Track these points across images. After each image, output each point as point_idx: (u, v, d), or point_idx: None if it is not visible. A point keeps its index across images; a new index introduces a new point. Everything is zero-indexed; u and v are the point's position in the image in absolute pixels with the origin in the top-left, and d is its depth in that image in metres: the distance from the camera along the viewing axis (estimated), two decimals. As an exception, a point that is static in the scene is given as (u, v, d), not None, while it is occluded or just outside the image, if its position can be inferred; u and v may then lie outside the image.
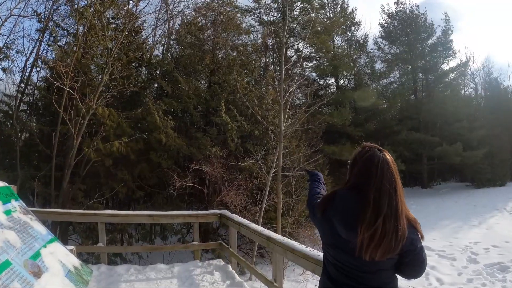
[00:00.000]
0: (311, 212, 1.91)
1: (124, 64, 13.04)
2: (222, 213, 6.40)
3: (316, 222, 1.81)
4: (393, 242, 1.48)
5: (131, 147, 12.01)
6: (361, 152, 1.67)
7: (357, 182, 1.60)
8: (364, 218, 1.49)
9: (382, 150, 1.64)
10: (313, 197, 1.97)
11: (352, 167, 1.68)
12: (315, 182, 2.19)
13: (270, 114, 11.87)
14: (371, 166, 1.57)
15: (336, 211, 1.59)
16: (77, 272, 3.44)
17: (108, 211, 6.82)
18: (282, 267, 4.92)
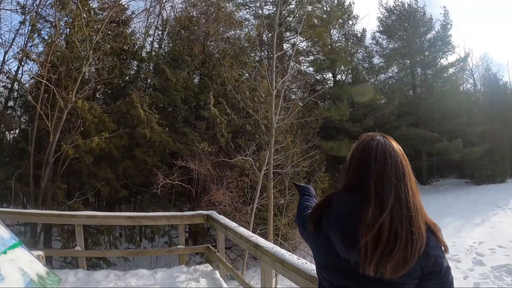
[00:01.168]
0: (300, 228, 1.57)
1: (107, 54, 12.12)
2: (209, 214, 5.72)
3: (307, 239, 1.48)
4: (409, 250, 1.12)
5: (114, 143, 11.04)
6: (358, 143, 1.36)
7: (356, 180, 1.27)
8: (365, 216, 1.15)
9: (386, 136, 1.32)
10: (303, 210, 1.67)
11: (349, 163, 1.35)
12: (305, 196, 1.86)
13: (263, 107, 10.89)
14: (370, 152, 1.25)
15: (332, 220, 1.25)
16: (41, 281, 3.18)
17: (86, 212, 6.14)
18: (271, 278, 4.27)
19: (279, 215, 10.63)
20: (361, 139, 1.37)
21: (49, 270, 3.41)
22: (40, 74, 10.33)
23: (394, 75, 23.08)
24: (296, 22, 17.54)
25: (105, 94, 14.01)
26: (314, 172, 12.33)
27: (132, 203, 13.51)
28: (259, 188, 9.38)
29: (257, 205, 9.83)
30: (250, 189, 10.32)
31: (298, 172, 11.20)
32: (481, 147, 20.45)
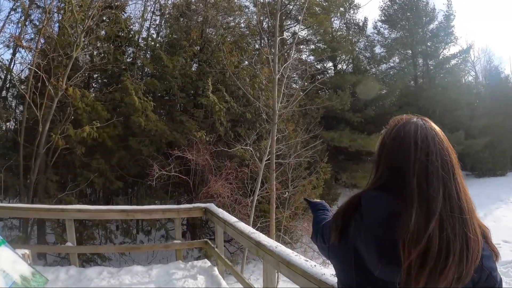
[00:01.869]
0: (320, 241, 1.29)
1: (101, 40, 11.46)
2: (207, 207, 5.37)
3: (329, 254, 1.18)
4: (464, 263, 0.88)
5: (107, 132, 10.39)
6: (389, 128, 1.08)
7: (391, 176, 0.99)
8: (406, 225, 0.89)
9: (424, 118, 1.04)
10: (319, 224, 1.40)
11: (379, 154, 1.06)
12: (319, 211, 1.59)
13: (263, 94, 10.27)
14: (407, 138, 0.98)
15: (363, 229, 0.97)
16: (25, 283, 3.00)
17: (77, 206, 5.68)
18: (275, 280, 3.79)
19: (281, 207, 10.08)
20: (392, 123, 1.10)
21: (35, 270, 3.22)
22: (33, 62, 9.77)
23: (395, 65, 22.51)
24: (297, 10, 16.92)
25: (101, 83, 13.35)
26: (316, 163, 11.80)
27: (129, 195, 12.93)
28: (259, 179, 8.84)
29: (258, 197, 9.30)
30: (250, 180, 9.77)
31: (301, 163, 10.65)
32: (482, 140, 20.31)
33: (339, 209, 1.12)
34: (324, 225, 1.28)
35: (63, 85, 9.50)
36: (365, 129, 16.65)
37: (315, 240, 1.38)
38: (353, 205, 1.05)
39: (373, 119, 18.05)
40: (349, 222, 1.05)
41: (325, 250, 1.24)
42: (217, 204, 5.97)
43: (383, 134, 1.11)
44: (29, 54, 11.53)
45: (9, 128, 13.00)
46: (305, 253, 11.09)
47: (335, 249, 1.13)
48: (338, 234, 1.07)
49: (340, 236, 1.07)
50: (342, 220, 1.07)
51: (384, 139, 1.09)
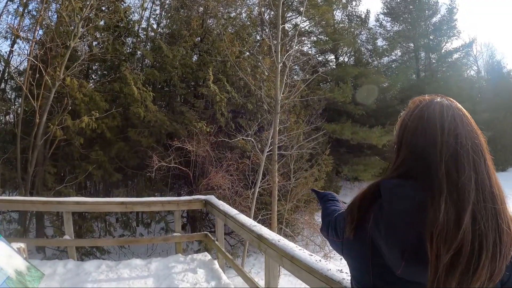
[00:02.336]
0: (331, 235, 1.15)
1: (99, 30, 11.16)
2: (207, 199, 5.23)
3: (343, 249, 1.06)
4: (497, 260, 0.76)
5: (106, 123, 10.13)
6: (411, 108, 0.96)
7: (414, 162, 0.88)
8: (434, 218, 0.78)
9: (447, 98, 0.94)
10: (330, 215, 1.24)
11: (400, 138, 0.95)
12: (328, 201, 1.42)
13: (265, 85, 10.00)
14: (432, 119, 0.88)
15: (383, 223, 0.86)
16: (20, 278, 2.89)
17: (74, 199, 5.44)
18: (277, 275, 3.83)
19: (283, 200, 9.86)
20: (413, 104, 0.98)
21: (30, 265, 3.13)
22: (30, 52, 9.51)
23: (397, 58, 22.29)
24: (299, 1, 16.61)
25: (100, 74, 13.08)
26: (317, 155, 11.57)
27: (128, 187, 12.71)
28: (261, 171, 8.62)
29: (259, 189, 9.08)
30: (252, 172, 9.54)
31: (302, 155, 10.41)
32: (484, 134, 19.79)
33: (355, 199, 0.99)
34: (337, 217, 1.14)
35: (60, 75, 9.23)
36: (366, 122, 16.41)
37: (325, 234, 1.23)
38: (371, 194, 0.93)
39: (375, 112, 17.85)
40: (366, 214, 0.92)
41: (338, 245, 1.11)
42: (217, 196, 5.81)
43: (403, 116, 0.99)
44: (26, 45, 11.31)
45: (8, 121, 12.77)
46: (306, 246, 10.91)
47: (349, 244, 1.01)
48: (354, 228, 0.95)
49: (355, 230, 0.95)
50: (358, 211, 0.94)
51: (405, 121, 0.96)
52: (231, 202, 9.02)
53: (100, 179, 10.83)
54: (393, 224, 0.84)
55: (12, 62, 12.15)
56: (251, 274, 9.38)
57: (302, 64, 14.14)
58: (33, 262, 4.48)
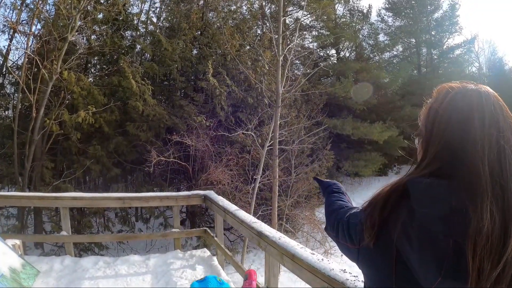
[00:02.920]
0: (342, 240, 1.01)
1: (98, 23, 10.94)
2: (206, 194, 5.16)
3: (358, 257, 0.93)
4: None
5: (104, 117, 9.93)
6: (439, 97, 0.86)
7: (449, 157, 0.77)
8: (476, 225, 0.67)
9: (480, 85, 0.83)
10: (337, 212, 1.12)
11: (429, 129, 0.84)
12: (333, 194, 1.30)
13: (266, 79, 9.79)
14: (468, 110, 0.77)
15: (415, 229, 0.74)
16: (14, 275, 2.86)
17: (71, 194, 5.38)
18: (278, 273, 3.68)
19: (283, 195, 9.67)
20: (443, 90, 0.86)
21: (25, 262, 3.12)
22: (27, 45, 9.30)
23: (399, 53, 21.99)
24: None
25: (99, 68, 12.87)
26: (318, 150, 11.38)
27: (128, 182, 12.53)
28: (261, 165, 8.42)
29: (259, 185, 8.89)
30: (252, 167, 9.35)
31: (303, 150, 10.22)
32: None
33: (376, 199, 0.86)
34: (351, 219, 1.00)
35: (57, 68, 9.01)
36: (367, 117, 16.21)
37: (333, 235, 1.10)
38: (397, 195, 0.81)
39: (376, 107, 17.63)
40: (390, 217, 0.80)
41: (352, 252, 0.97)
42: (217, 192, 5.72)
43: (431, 104, 0.88)
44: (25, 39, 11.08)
45: (7, 116, 12.59)
46: (306, 243, 10.77)
47: (368, 253, 0.87)
48: (375, 234, 0.83)
49: (376, 236, 0.82)
50: (380, 215, 0.82)
51: (435, 110, 0.85)
52: (231, 198, 8.85)
53: (98, 174, 10.64)
54: (428, 233, 0.72)
55: (12, 57, 12.00)
56: (251, 270, 9.26)
57: (303, 59, 13.93)
58: (31, 258, 4.58)
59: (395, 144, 16.92)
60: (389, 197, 0.81)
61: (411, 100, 19.36)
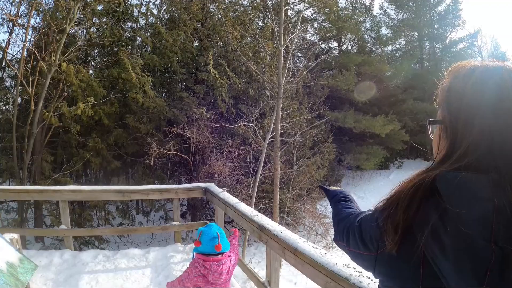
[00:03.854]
0: (353, 248, 0.93)
1: (97, 15, 10.75)
2: (207, 187, 5.04)
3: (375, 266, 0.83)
4: None
5: (104, 110, 9.76)
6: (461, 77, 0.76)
7: (485, 149, 0.68)
8: None
9: (503, 62, 0.74)
10: (346, 219, 1.04)
11: (455, 118, 0.74)
12: (341, 202, 1.21)
13: (267, 70, 9.58)
14: (500, 91, 0.68)
15: (451, 233, 0.63)
16: (11, 271, 2.69)
17: (70, 187, 5.28)
18: (279, 267, 3.59)
19: (285, 188, 9.51)
20: (462, 69, 0.76)
21: (23, 256, 2.96)
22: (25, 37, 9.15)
23: (401, 47, 21.73)
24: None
25: (99, 60, 12.70)
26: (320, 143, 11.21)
27: (128, 175, 12.42)
28: (263, 158, 8.24)
29: (261, 177, 8.73)
30: (253, 159, 9.18)
31: (305, 142, 10.04)
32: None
33: (397, 197, 0.75)
34: (363, 223, 0.90)
35: (56, 60, 8.83)
36: (369, 110, 16.02)
37: (343, 244, 1.00)
38: (424, 192, 0.69)
39: (378, 100, 17.44)
40: (416, 219, 0.69)
41: (367, 260, 0.87)
42: (218, 184, 5.53)
43: (452, 85, 0.77)
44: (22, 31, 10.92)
45: (8, 110, 12.45)
46: (308, 236, 10.63)
47: (387, 261, 0.77)
48: (399, 239, 0.72)
49: (400, 241, 0.72)
50: (405, 216, 0.70)
51: (460, 93, 0.74)
52: (232, 190, 8.69)
53: (98, 167, 10.51)
54: (465, 238, 0.61)
55: (12, 50, 11.81)
56: (252, 263, 9.14)
57: (305, 51, 13.71)
58: (30, 252, 4.59)
59: (397, 138, 16.76)
60: (415, 194, 0.69)
61: (413, 94, 19.21)
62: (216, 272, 2.33)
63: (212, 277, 2.33)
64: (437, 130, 0.82)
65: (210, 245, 2.36)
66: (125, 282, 4.03)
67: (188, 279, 2.36)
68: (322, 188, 1.43)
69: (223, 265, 2.36)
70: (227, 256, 2.42)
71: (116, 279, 4.06)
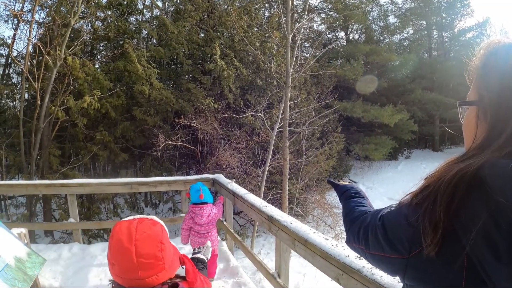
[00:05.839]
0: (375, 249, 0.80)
1: (101, 8, 10.60)
2: (215, 178, 5.02)
3: (406, 270, 0.71)
4: None
5: (110, 102, 9.65)
6: (500, 54, 0.68)
7: None
8: None
9: None
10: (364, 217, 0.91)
11: (496, 97, 0.66)
12: (352, 198, 1.10)
13: (275, 60, 9.37)
14: None
15: (499, 230, 0.52)
16: (20, 265, 2.62)
17: (78, 180, 5.21)
18: (289, 259, 3.28)
19: (294, 178, 9.34)
20: (500, 45, 0.69)
21: (31, 251, 2.94)
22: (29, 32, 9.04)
23: (409, 36, 21.23)
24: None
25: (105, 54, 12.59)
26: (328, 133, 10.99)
27: (137, 167, 12.38)
28: (271, 148, 8.06)
29: (269, 168, 8.56)
30: (261, 149, 9.01)
31: (313, 132, 9.84)
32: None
33: (435, 189, 0.63)
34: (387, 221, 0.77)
35: (61, 54, 8.70)
36: (377, 100, 15.71)
37: (360, 247, 0.88)
38: (467, 183, 0.58)
39: (386, 90, 17.14)
40: (459, 215, 0.58)
41: (395, 264, 0.74)
42: (226, 175, 5.46)
43: (489, 62, 0.68)
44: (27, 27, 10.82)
45: (15, 106, 12.45)
46: (317, 227, 10.48)
47: (422, 264, 0.65)
48: (439, 239, 0.60)
49: (441, 242, 0.60)
50: (447, 211, 0.59)
51: (501, 71, 0.65)
52: (240, 181, 8.55)
53: (106, 159, 10.43)
54: None
55: (17, 46, 11.74)
56: (261, 255, 9.02)
57: (312, 41, 13.44)
58: (39, 246, 4.63)
59: (406, 128, 16.47)
60: (457, 186, 0.59)
61: (421, 84, 18.85)
62: (199, 214, 3.45)
63: (197, 218, 3.47)
64: (470, 112, 0.74)
65: (196, 196, 3.48)
66: (134, 275, 3.95)
67: (184, 222, 3.57)
68: (330, 182, 1.31)
69: (204, 210, 3.46)
70: (209, 206, 3.52)
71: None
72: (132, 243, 1.09)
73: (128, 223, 1.17)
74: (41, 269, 3.42)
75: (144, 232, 1.12)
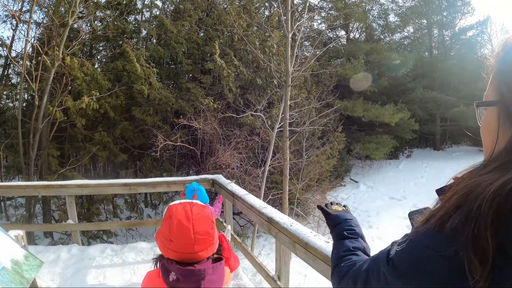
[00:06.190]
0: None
1: (100, 8, 10.55)
2: (215, 179, 4.94)
3: None
4: None
5: (109, 103, 9.59)
6: None
7: None
8: None
9: None
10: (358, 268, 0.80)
11: None
12: (348, 231, 1.02)
13: (274, 59, 9.30)
14: None
15: None
16: (16, 268, 2.59)
17: (76, 181, 5.23)
18: (289, 261, 3.24)
19: (294, 178, 9.27)
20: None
21: (28, 253, 2.90)
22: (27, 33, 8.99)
23: (410, 35, 21.16)
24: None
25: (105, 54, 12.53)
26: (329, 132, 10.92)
27: (136, 168, 12.32)
28: (271, 148, 7.99)
29: (269, 168, 8.49)
30: (261, 149, 8.95)
31: (314, 132, 9.78)
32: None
33: (474, 208, 0.51)
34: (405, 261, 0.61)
35: (59, 54, 8.64)
36: (378, 99, 15.64)
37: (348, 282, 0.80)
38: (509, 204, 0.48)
39: (387, 89, 17.04)
40: (504, 240, 0.49)
41: None
42: (226, 175, 5.44)
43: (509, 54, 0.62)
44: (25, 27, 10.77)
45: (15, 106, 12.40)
46: (317, 228, 10.43)
47: None
48: (489, 273, 0.49)
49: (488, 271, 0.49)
50: (496, 237, 0.49)
51: None
52: (240, 182, 8.49)
53: (105, 160, 10.39)
54: None
55: (15, 47, 11.69)
56: (261, 255, 8.95)
57: (313, 40, 13.38)
58: (38, 248, 4.62)
59: (407, 127, 16.39)
60: (504, 204, 0.49)
61: (422, 83, 18.78)
62: None
63: None
64: (489, 114, 0.65)
65: (190, 196, 3.34)
66: (133, 276, 3.95)
67: None
68: (321, 209, 1.20)
69: None
70: None
71: (124, 273, 4.01)
72: (190, 222, 1.27)
73: (182, 205, 1.34)
74: (39, 272, 3.40)
75: (198, 213, 1.31)
